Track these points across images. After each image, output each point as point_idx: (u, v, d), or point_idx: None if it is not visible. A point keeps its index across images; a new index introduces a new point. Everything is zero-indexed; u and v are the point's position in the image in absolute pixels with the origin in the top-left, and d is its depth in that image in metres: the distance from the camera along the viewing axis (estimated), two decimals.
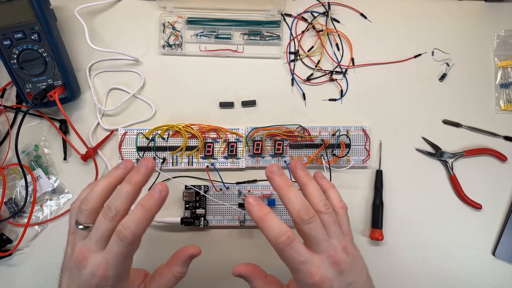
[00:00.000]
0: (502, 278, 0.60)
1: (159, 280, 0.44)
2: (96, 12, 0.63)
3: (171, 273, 0.44)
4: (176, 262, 0.45)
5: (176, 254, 0.45)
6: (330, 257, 0.39)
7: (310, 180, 0.44)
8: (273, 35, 0.63)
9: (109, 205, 0.41)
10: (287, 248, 0.39)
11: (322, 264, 0.39)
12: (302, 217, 0.40)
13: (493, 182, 0.62)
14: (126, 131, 0.60)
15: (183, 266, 0.44)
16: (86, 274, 0.39)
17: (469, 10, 0.64)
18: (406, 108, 0.63)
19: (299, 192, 0.42)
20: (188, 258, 0.45)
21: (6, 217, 0.59)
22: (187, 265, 0.45)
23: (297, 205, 0.40)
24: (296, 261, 0.39)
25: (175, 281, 0.44)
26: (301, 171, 0.45)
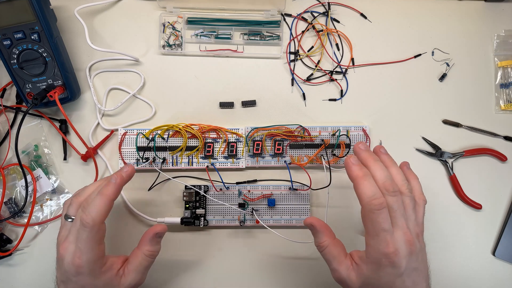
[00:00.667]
0: (502, 278, 0.60)
1: (134, 261, 0.48)
2: (96, 12, 0.63)
3: (142, 252, 0.48)
4: (145, 242, 0.49)
5: (143, 235, 0.49)
6: (406, 235, 0.41)
7: (395, 164, 0.46)
8: (273, 35, 0.63)
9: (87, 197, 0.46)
10: (378, 212, 0.40)
11: (399, 239, 0.40)
12: (387, 188, 0.41)
13: (493, 182, 0.62)
14: (126, 131, 0.60)
15: (151, 244, 0.49)
16: (67, 264, 0.44)
17: (469, 10, 0.64)
18: (406, 108, 0.63)
19: (386, 168, 0.44)
20: (154, 236, 0.49)
21: (6, 217, 0.59)
22: (155, 243, 0.49)
23: (383, 176, 0.42)
24: (379, 226, 0.40)
25: (148, 259, 0.48)
26: (386, 155, 0.47)
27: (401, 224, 0.41)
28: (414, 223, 0.43)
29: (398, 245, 0.40)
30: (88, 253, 0.43)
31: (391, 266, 0.40)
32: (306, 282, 0.60)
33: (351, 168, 0.43)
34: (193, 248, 0.61)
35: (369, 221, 0.41)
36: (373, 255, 0.41)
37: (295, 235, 0.59)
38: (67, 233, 0.46)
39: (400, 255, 0.40)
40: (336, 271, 0.45)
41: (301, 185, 0.60)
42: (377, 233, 0.40)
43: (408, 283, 0.41)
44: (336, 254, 0.45)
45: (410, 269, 0.41)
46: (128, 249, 0.50)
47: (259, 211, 0.60)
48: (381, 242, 0.40)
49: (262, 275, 0.60)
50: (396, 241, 0.40)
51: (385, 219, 0.40)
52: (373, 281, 0.42)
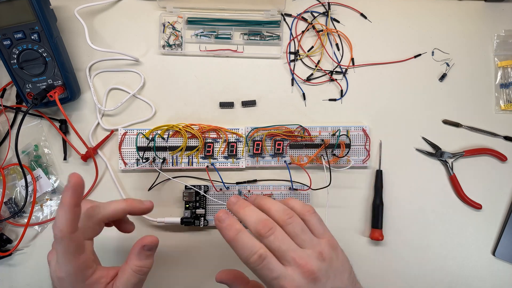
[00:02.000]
0: (502, 278, 0.60)
1: (122, 276, 0.42)
2: (96, 12, 0.63)
3: (129, 268, 0.42)
4: (132, 255, 0.43)
5: (132, 248, 0.44)
6: (300, 267, 0.38)
7: (266, 198, 0.43)
8: (273, 35, 0.63)
9: None
10: (259, 267, 0.38)
11: (295, 276, 0.37)
12: (259, 232, 0.39)
13: (493, 182, 0.62)
14: (126, 131, 0.60)
15: (139, 258, 0.43)
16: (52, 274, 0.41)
17: (469, 10, 0.64)
18: (406, 108, 0.63)
19: (257, 210, 0.41)
20: (142, 249, 0.43)
21: (6, 217, 0.59)
22: (144, 257, 0.43)
23: (253, 220, 0.39)
24: (269, 278, 0.38)
25: (137, 276, 0.42)
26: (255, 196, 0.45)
27: (291, 257, 0.38)
28: (314, 242, 0.40)
29: (296, 283, 0.37)
30: (66, 265, 0.39)
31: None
32: None
33: (221, 229, 0.40)
34: (193, 248, 0.60)
35: (259, 276, 0.39)
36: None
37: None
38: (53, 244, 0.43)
39: (304, 283, 0.37)
40: None
41: (301, 185, 0.60)
42: (270, 284, 0.38)
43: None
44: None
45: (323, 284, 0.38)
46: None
47: None
48: None
49: None
50: (293, 281, 0.37)
51: (270, 269, 0.38)
52: None
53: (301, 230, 0.40)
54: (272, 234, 0.39)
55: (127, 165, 0.60)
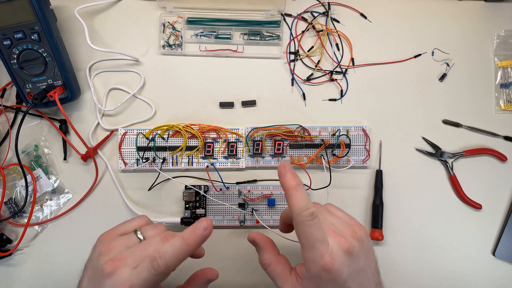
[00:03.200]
0: (502, 278, 0.60)
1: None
2: (96, 12, 0.63)
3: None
4: (194, 285, 0.44)
5: (193, 277, 0.44)
6: (338, 238, 0.39)
7: None
8: (273, 35, 0.63)
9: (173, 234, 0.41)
10: (310, 223, 0.38)
11: (334, 247, 0.38)
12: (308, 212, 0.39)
13: (493, 182, 0.62)
14: (126, 131, 0.60)
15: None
16: (109, 285, 0.36)
17: (469, 10, 0.64)
18: (406, 108, 0.63)
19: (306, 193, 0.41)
20: (206, 283, 0.44)
21: (6, 217, 0.59)
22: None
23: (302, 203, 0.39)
24: (313, 238, 0.38)
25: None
26: None
27: (328, 230, 0.39)
28: (341, 224, 0.41)
29: (334, 253, 0.38)
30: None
31: (331, 277, 0.37)
32: None
33: (285, 177, 0.40)
34: None
35: (302, 233, 0.39)
36: (312, 269, 0.38)
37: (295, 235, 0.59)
38: (125, 250, 0.39)
39: (338, 263, 0.37)
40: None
41: None
42: (311, 246, 0.38)
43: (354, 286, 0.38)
44: (280, 271, 0.43)
45: (354, 273, 0.38)
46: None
47: (259, 211, 0.60)
48: (316, 253, 0.38)
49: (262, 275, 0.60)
50: (331, 250, 0.38)
51: (318, 230, 0.38)
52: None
53: (328, 212, 0.43)
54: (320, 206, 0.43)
55: (127, 165, 0.60)
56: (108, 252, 0.39)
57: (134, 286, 0.36)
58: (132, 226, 0.43)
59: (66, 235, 0.60)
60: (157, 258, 0.36)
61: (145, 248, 0.38)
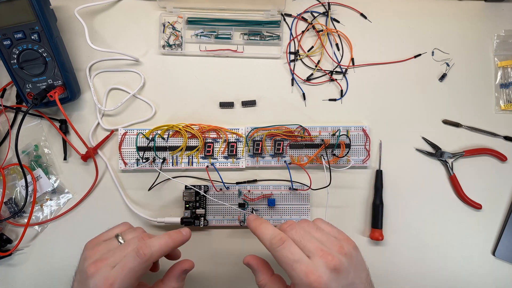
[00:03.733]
0: (502, 278, 0.60)
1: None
2: (96, 12, 0.63)
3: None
4: (171, 277, 0.46)
5: (170, 270, 0.47)
6: (324, 257, 0.39)
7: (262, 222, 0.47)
8: (273, 35, 0.63)
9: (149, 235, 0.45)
10: (280, 248, 0.40)
11: (318, 264, 0.38)
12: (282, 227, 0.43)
13: (493, 182, 0.62)
14: (126, 131, 0.60)
15: (177, 281, 0.46)
16: (93, 284, 0.40)
17: (469, 10, 0.64)
18: (406, 108, 0.63)
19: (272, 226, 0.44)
20: (182, 273, 0.47)
21: (6, 217, 0.59)
22: (182, 280, 0.47)
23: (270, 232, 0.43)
24: (290, 260, 0.39)
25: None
26: None
27: (314, 249, 0.40)
28: (329, 241, 0.42)
29: (320, 271, 0.38)
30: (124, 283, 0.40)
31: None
32: None
33: (249, 221, 0.47)
34: (193, 248, 0.60)
35: (279, 260, 0.40)
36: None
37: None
38: (106, 252, 0.43)
39: (325, 280, 0.37)
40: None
41: (301, 185, 0.60)
42: (292, 268, 0.39)
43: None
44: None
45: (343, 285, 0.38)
46: None
47: (259, 211, 0.60)
48: (299, 274, 0.38)
49: None
50: (316, 269, 0.38)
51: (292, 252, 0.39)
52: None
53: (315, 228, 0.43)
54: (294, 228, 0.43)
55: (127, 165, 0.60)
56: (92, 256, 0.42)
57: (116, 281, 0.40)
58: (114, 232, 0.46)
59: (66, 235, 0.60)
60: (143, 247, 0.41)
61: (124, 249, 0.43)
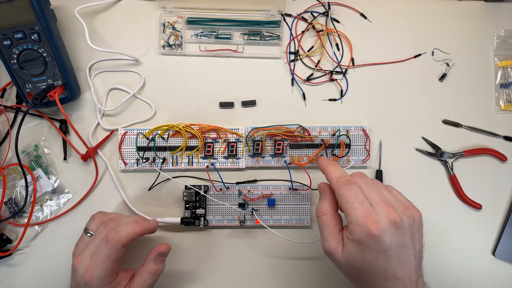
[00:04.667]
0: (502, 278, 0.60)
1: (139, 278, 0.50)
2: (96, 12, 0.63)
3: (147, 270, 0.50)
4: (149, 261, 0.51)
5: (148, 254, 0.51)
6: (387, 210, 0.40)
7: None
8: (273, 35, 0.63)
9: (115, 219, 0.50)
10: (346, 187, 0.42)
11: (380, 213, 0.40)
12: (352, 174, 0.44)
13: (493, 182, 0.62)
14: (126, 131, 0.60)
15: (155, 263, 0.50)
16: (79, 276, 0.46)
17: (469, 10, 0.64)
18: (406, 108, 0.63)
19: None
20: (158, 256, 0.50)
21: (6, 217, 0.59)
22: (160, 262, 0.51)
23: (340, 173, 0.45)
24: (351, 199, 0.41)
25: (152, 277, 0.50)
26: None
27: (378, 200, 0.41)
28: (395, 200, 0.43)
29: (379, 218, 0.39)
30: (101, 269, 0.46)
31: (373, 240, 0.38)
32: (306, 282, 0.60)
33: (321, 160, 0.49)
34: (193, 248, 0.60)
35: (341, 197, 0.42)
36: (355, 231, 0.40)
37: (295, 235, 0.59)
38: (83, 246, 0.49)
39: (382, 228, 0.38)
40: (326, 241, 0.44)
41: (301, 185, 0.60)
42: (352, 206, 0.40)
43: (394, 261, 0.39)
44: (331, 225, 0.44)
45: (396, 245, 0.39)
46: (127, 250, 0.50)
47: (259, 211, 0.60)
48: (358, 213, 0.40)
49: (262, 275, 0.60)
50: (376, 214, 0.39)
51: (357, 194, 0.41)
52: (357, 257, 0.40)
53: (384, 188, 0.44)
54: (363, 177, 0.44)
55: (127, 165, 0.60)
56: (75, 253, 0.49)
57: (95, 268, 0.46)
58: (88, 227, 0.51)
59: (66, 235, 0.60)
60: (112, 233, 0.46)
61: (95, 239, 0.48)
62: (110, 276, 0.47)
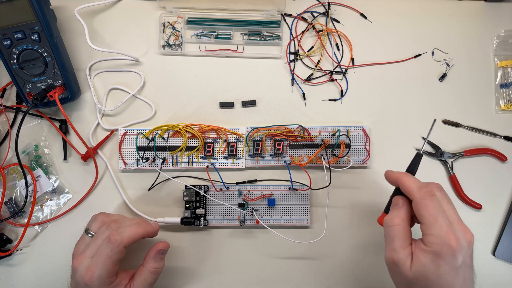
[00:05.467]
0: (502, 278, 0.60)
1: (139, 278, 0.50)
2: (96, 12, 0.63)
3: (147, 269, 0.50)
4: (148, 259, 0.51)
5: (147, 252, 0.52)
6: (462, 227, 0.41)
7: None
8: (273, 35, 0.63)
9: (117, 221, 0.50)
10: (430, 198, 0.41)
11: (458, 229, 0.40)
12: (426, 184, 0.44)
13: (493, 182, 0.62)
14: (126, 131, 0.60)
15: (155, 261, 0.51)
16: (79, 276, 0.46)
17: (469, 10, 0.64)
18: (406, 108, 0.63)
19: None
20: (157, 253, 0.51)
21: (6, 217, 0.59)
22: (159, 260, 0.51)
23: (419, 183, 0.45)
24: (435, 212, 0.41)
25: (153, 276, 0.50)
26: None
27: (456, 218, 0.42)
28: (459, 220, 0.43)
29: (459, 235, 0.40)
30: (102, 269, 0.46)
31: (451, 255, 0.39)
32: (306, 282, 0.60)
33: (389, 172, 0.47)
34: (193, 248, 0.60)
35: (424, 208, 0.41)
36: (433, 242, 0.40)
37: (295, 235, 0.59)
38: (84, 247, 0.49)
39: (461, 245, 0.39)
40: (396, 252, 0.42)
41: (301, 185, 0.60)
42: (435, 219, 0.40)
43: (461, 279, 0.40)
44: (404, 237, 0.43)
45: (465, 265, 0.40)
46: (128, 250, 0.50)
47: (259, 211, 0.60)
48: (441, 227, 0.40)
49: (262, 275, 0.60)
50: (455, 231, 0.40)
51: (438, 207, 0.41)
52: (430, 269, 0.40)
53: (449, 203, 0.43)
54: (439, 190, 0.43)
55: (127, 165, 0.60)
56: (75, 254, 0.49)
57: (96, 268, 0.45)
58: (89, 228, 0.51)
59: (66, 235, 0.60)
60: (114, 234, 0.46)
61: (97, 240, 0.48)
62: (110, 277, 0.47)
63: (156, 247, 0.51)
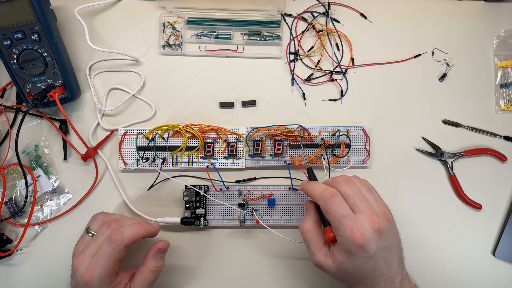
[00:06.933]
0: (502, 278, 0.60)
1: (139, 277, 0.50)
2: (96, 12, 0.63)
3: (147, 268, 0.50)
4: (149, 258, 0.51)
5: (147, 252, 0.52)
6: (370, 217, 0.43)
7: None
8: (273, 35, 0.63)
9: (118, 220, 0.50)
10: (330, 201, 0.44)
11: (364, 222, 0.43)
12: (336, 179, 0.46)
13: (493, 182, 0.62)
14: (126, 131, 0.60)
15: (155, 260, 0.51)
16: (79, 275, 0.46)
17: (469, 10, 0.64)
18: (406, 108, 0.63)
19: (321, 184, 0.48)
20: (157, 252, 0.51)
21: (6, 217, 0.59)
22: (159, 259, 0.51)
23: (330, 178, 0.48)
24: (338, 214, 0.43)
25: (153, 275, 0.50)
26: None
27: (363, 208, 0.44)
28: (376, 203, 0.46)
29: (364, 229, 0.42)
30: (102, 268, 0.46)
31: (361, 250, 0.42)
32: (306, 282, 0.60)
33: (303, 184, 0.50)
34: (193, 248, 0.60)
35: (328, 213, 0.44)
36: (343, 243, 0.43)
37: (295, 235, 0.59)
38: (84, 246, 0.49)
39: (368, 238, 0.42)
40: (314, 255, 0.47)
41: None
42: (339, 222, 0.43)
43: (380, 262, 0.43)
44: (316, 240, 0.47)
45: (381, 249, 0.43)
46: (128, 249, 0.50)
47: (259, 211, 0.60)
48: (345, 229, 0.42)
49: (262, 275, 0.60)
50: (361, 226, 0.42)
51: (341, 207, 0.43)
52: (347, 265, 0.44)
53: (367, 190, 0.47)
54: (348, 183, 0.46)
55: (127, 165, 0.60)
56: (75, 253, 0.49)
57: (96, 268, 0.45)
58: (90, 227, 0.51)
59: (66, 235, 0.60)
60: (115, 233, 0.47)
61: (97, 239, 0.48)
62: (110, 276, 0.47)
63: (156, 246, 0.51)
